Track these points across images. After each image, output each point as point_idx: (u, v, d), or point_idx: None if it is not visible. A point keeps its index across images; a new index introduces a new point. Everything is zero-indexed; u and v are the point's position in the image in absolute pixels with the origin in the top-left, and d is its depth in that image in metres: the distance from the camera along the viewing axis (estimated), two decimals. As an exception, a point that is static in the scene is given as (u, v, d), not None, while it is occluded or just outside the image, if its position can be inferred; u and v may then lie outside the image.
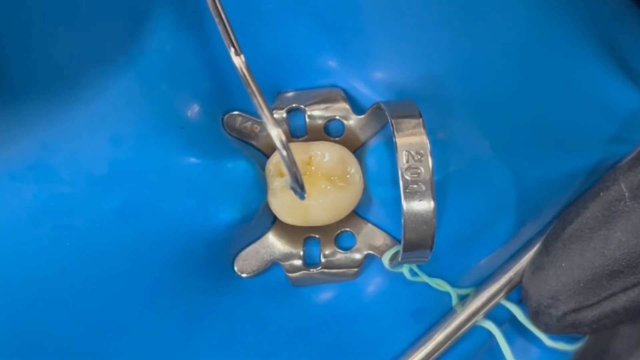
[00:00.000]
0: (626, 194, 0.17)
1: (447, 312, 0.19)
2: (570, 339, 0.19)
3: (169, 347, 0.18)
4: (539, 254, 0.18)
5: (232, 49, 0.15)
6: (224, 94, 0.18)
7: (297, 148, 0.18)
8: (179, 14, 0.18)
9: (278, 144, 0.15)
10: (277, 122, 0.15)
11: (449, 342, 0.18)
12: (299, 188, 0.16)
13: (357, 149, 0.19)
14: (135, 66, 0.17)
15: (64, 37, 0.17)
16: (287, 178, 0.18)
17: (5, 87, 0.16)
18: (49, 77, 0.16)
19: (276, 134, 0.15)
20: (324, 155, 0.18)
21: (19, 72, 0.16)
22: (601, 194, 0.18)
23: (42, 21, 0.16)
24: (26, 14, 0.16)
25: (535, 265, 0.18)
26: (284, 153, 0.15)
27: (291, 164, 0.15)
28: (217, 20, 0.16)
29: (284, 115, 0.19)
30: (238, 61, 0.15)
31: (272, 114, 0.15)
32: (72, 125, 0.16)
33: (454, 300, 0.19)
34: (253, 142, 0.19)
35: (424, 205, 0.16)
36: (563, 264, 0.17)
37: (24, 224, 0.16)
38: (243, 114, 0.19)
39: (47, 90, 0.16)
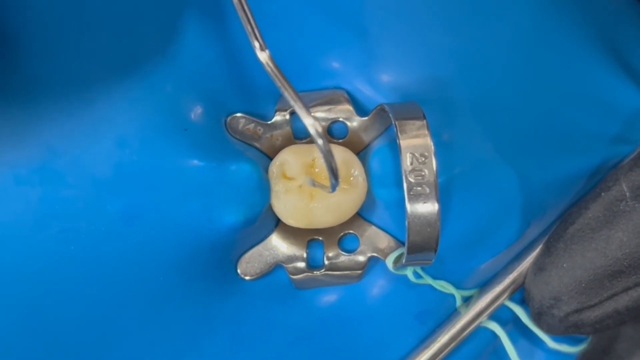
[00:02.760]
0: (627, 194, 0.18)
1: (451, 314, 0.19)
2: (572, 341, 0.20)
3: (173, 350, 0.18)
4: (541, 254, 0.19)
5: (257, 44, 0.15)
6: (227, 96, 0.19)
7: (300, 150, 0.19)
8: (183, 19, 0.18)
9: (313, 133, 0.15)
10: (314, 117, 0.15)
11: (454, 343, 0.19)
12: (334, 178, 0.16)
13: (360, 151, 0.19)
14: (139, 69, 0.17)
15: (77, 44, 0.17)
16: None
17: (13, 91, 0.16)
18: (57, 82, 0.17)
19: (311, 124, 0.15)
20: (328, 158, 0.18)
21: (30, 77, 0.16)
22: (602, 194, 0.18)
23: (57, 29, 0.17)
24: (43, 21, 0.17)
25: (538, 266, 0.19)
26: (320, 142, 0.15)
27: (328, 153, 0.15)
28: (241, 15, 0.16)
29: (287, 117, 0.19)
30: (264, 56, 0.15)
31: (305, 105, 0.15)
32: (76, 128, 0.17)
33: (458, 302, 0.19)
34: (256, 145, 0.19)
35: (428, 208, 0.16)
36: (565, 265, 0.18)
37: (30, 227, 0.16)
38: (246, 116, 0.19)
39: (53, 94, 0.16)
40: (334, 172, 0.15)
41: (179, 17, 0.18)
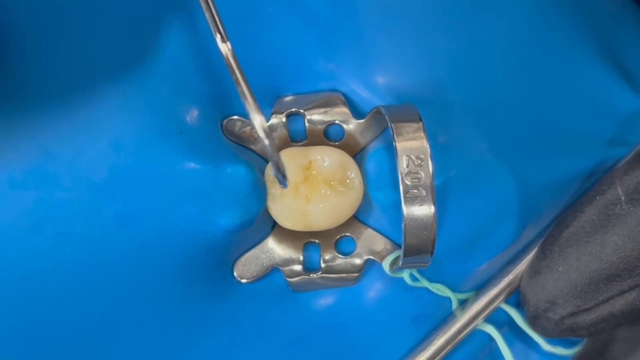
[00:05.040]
0: (622, 197, 0.18)
1: (448, 317, 0.20)
2: (568, 344, 0.20)
3: (170, 353, 0.19)
4: (536, 258, 0.19)
5: (219, 35, 0.16)
6: (223, 98, 0.19)
7: (296, 153, 0.19)
8: (179, 20, 0.18)
9: (260, 132, 0.15)
10: (259, 109, 0.15)
11: (450, 346, 0.19)
12: (280, 176, 0.16)
13: (357, 154, 0.20)
14: (134, 71, 0.17)
15: (71, 47, 0.17)
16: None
17: (7, 93, 0.16)
18: (51, 84, 0.17)
19: (259, 122, 0.15)
20: (324, 160, 0.18)
21: (23, 80, 0.16)
22: (597, 197, 0.18)
23: (51, 31, 0.17)
24: (36, 24, 0.17)
25: (533, 269, 0.19)
26: (266, 142, 0.15)
27: (273, 151, 0.15)
28: (203, 6, 0.16)
29: (284, 119, 0.19)
30: (224, 48, 0.16)
31: (256, 102, 0.15)
32: (72, 131, 0.17)
33: (454, 305, 0.20)
34: (252, 147, 0.19)
35: (424, 210, 0.16)
36: (560, 268, 0.18)
37: (24, 230, 0.16)
38: (242, 119, 0.19)
39: (47, 97, 0.17)
40: (281, 172, 0.16)
41: (174, 20, 0.18)
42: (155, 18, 0.18)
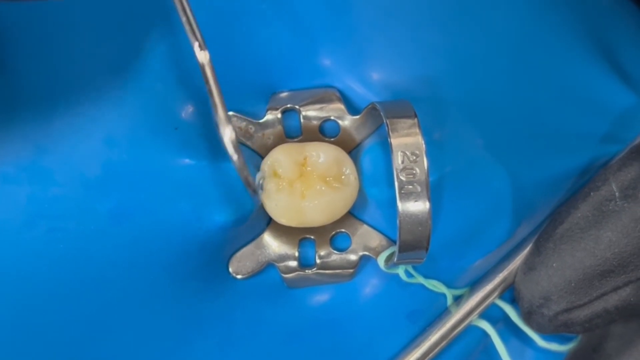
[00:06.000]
0: (616, 193, 0.18)
1: (442, 313, 0.20)
2: (562, 340, 0.20)
3: (164, 350, 0.19)
4: (530, 254, 0.19)
5: (197, 43, 0.15)
6: (218, 94, 0.19)
7: (292, 149, 0.19)
8: (172, 17, 0.18)
9: (228, 147, 0.15)
10: (230, 122, 0.15)
11: (445, 342, 0.19)
12: (252, 192, 0.16)
13: (352, 150, 0.20)
14: (129, 67, 0.17)
15: (65, 44, 0.17)
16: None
17: (2, 89, 0.16)
18: (45, 80, 0.17)
19: (228, 136, 0.15)
20: (319, 156, 0.19)
21: (17, 76, 0.16)
22: (592, 193, 0.18)
23: (44, 29, 0.17)
24: (29, 21, 0.17)
25: (527, 265, 0.19)
26: (235, 157, 0.15)
27: (241, 167, 0.15)
28: (181, 15, 0.15)
29: (279, 115, 0.19)
30: (202, 56, 0.15)
31: (227, 115, 0.15)
32: (65, 127, 0.17)
33: (449, 301, 0.20)
34: (248, 143, 0.19)
35: (419, 206, 0.16)
36: (554, 264, 0.18)
37: (17, 226, 0.16)
38: (237, 115, 0.19)
39: (40, 93, 0.16)
40: (251, 187, 0.16)
41: (168, 16, 0.18)
42: (149, 15, 0.18)
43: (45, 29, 0.17)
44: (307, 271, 0.19)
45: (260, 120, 0.19)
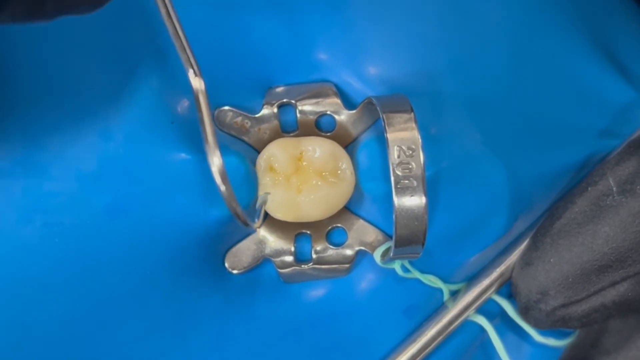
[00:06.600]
0: (614, 188, 0.18)
1: (439, 308, 0.20)
2: (559, 335, 0.20)
3: (160, 344, 0.19)
4: (527, 249, 0.19)
5: (191, 71, 0.15)
6: (213, 89, 0.19)
7: (288, 143, 0.19)
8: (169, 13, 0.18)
9: (217, 178, 0.15)
10: (219, 151, 0.15)
11: (441, 337, 0.19)
12: (241, 223, 0.16)
13: (348, 144, 0.20)
14: (124, 60, 0.17)
15: (61, 39, 0.17)
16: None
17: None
18: (40, 75, 0.17)
19: (216, 167, 0.15)
20: (315, 151, 0.19)
21: (12, 70, 0.16)
22: (589, 188, 0.18)
23: (43, 27, 0.17)
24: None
25: (525, 260, 0.19)
26: (222, 188, 0.15)
27: (229, 198, 0.15)
28: (176, 44, 0.15)
29: (275, 110, 0.19)
30: (196, 83, 0.15)
31: (216, 144, 0.15)
32: (61, 121, 0.17)
33: (446, 296, 0.20)
34: (244, 138, 0.19)
35: (415, 201, 0.16)
36: (552, 260, 0.18)
37: (13, 221, 0.16)
38: (234, 109, 0.19)
39: (36, 87, 0.17)
40: (240, 219, 0.15)
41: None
42: (146, 12, 0.18)
43: (43, 25, 0.17)
44: (303, 266, 0.19)
45: (257, 115, 0.19)
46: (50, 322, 0.17)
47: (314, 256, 0.19)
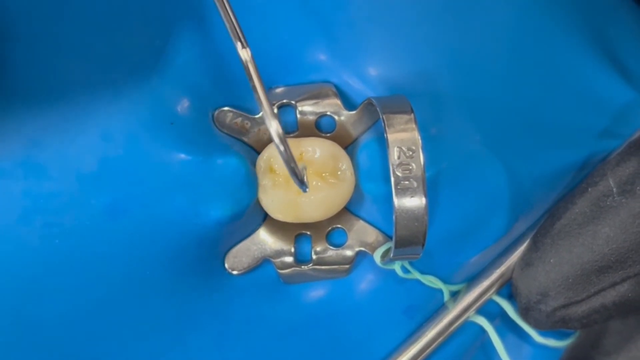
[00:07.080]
0: (614, 189, 0.18)
1: (439, 309, 0.20)
2: (560, 335, 0.20)
3: (160, 345, 0.19)
4: (528, 250, 0.19)
5: (239, 43, 0.16)
6: (214, 89, 0.19)
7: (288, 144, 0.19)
8: (170, 10, 0.18)
9: (275, 138, 0.15)
10: (277, 117, 0.16)
11: (442, 338, 0.19)
12: (299, 182, 0.16)
13: (348, 145, 0.20)
14: (124, 61, 0.17)
15: (61, 39, 0.17)
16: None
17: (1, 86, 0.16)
18: (40, 75, 0.17)
19: (274, 129, 0.15)
20: (315, 152, 0.19)
21: (12, 70, 0.16)
22: (589, 189, 0.18)
23: (41, 24, 0.17)
24: (26, 16, 0.17)
25: (525, 261, 0.19)
26: (282, 148, 0.15)
27: (289, 159, 0.16)
28: (222, 12, 0.16)
29: (275, 111, 0.19)
30: (244, 54, 0.16)
31: (272, 109, 0.16)
32: (60, 121, 0.17)
33: (446, 297, 0.20)
34: (244, 139, 0.19)
35: (415, 202, 0.16)
36: (552, 260, 0.18)
37: (13, 221, 0.16)
38: (233, 110, 0.19)
39: (36, 87, 0.17)
40: (298, 178, 0.16)
41: (165, 14, 0.18)
42: (146, 12, 0.18)
43: (41, 22, 0.17)
44: (303, 267, 0.19)
45: (256, 116, 0.19)
46: (50, 323, 0.17)
47: (314, 257, 0.19)
